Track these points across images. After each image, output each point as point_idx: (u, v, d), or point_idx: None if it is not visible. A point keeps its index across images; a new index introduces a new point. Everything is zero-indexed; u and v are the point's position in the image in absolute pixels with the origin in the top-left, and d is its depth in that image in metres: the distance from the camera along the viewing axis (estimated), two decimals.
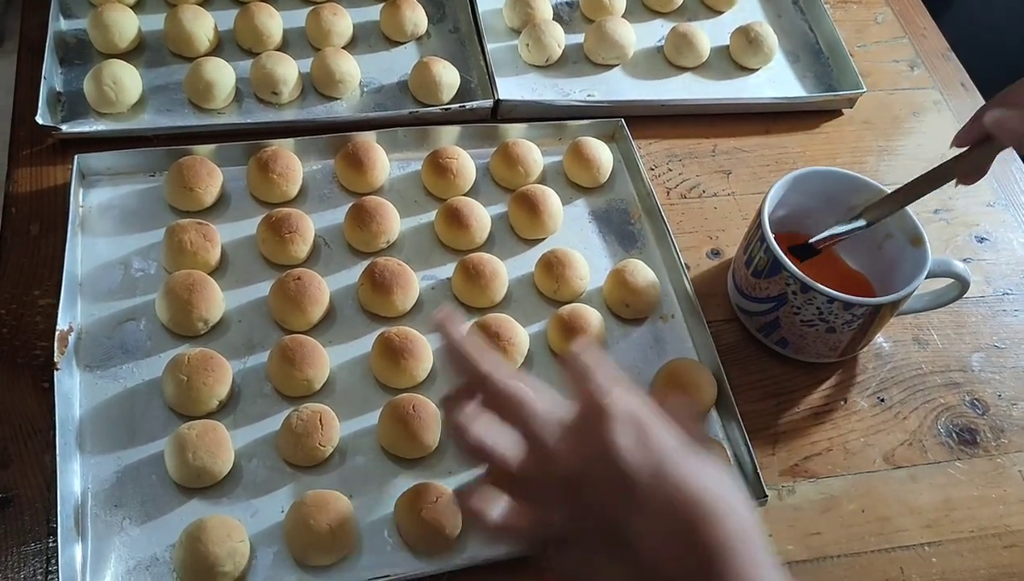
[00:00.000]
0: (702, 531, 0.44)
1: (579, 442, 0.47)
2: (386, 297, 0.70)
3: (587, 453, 0.47)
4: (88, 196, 0.74)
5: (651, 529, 0.45)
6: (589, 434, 0.47)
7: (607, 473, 0.46)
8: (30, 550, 0.59)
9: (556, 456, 0.47)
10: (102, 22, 0.82)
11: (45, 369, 0.65)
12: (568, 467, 0.47)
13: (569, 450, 0.47)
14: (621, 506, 0.46)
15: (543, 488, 0.48)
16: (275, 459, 0.64)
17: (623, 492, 0.46)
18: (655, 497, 0.45)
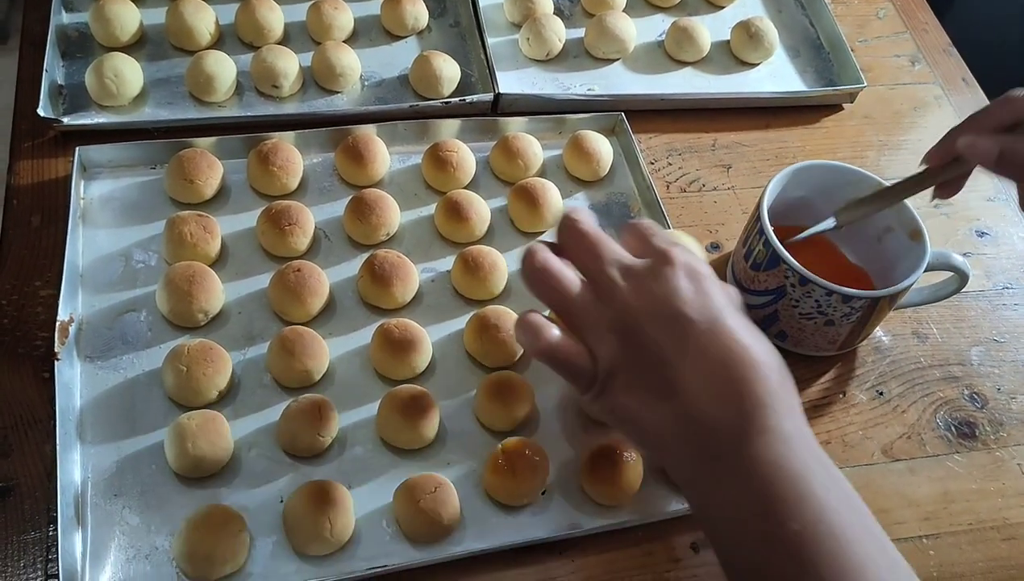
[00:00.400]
0: (747, 383, 0.48)
1: (643, 283, 0.51)
2: (386, 289, 0.70)
3: (649, 293, 0.50)
4: (89, 188, 0.75)
5: (701, 374, 0.49)
6: (653, 277, 0.51)
7: (667, 315, 0.50)
8: (30, 539, 0.59)
9: (619, 291, 0.51)
10: (103, 15, 0.82)
11: (46, 359, 0.66)
12: (629, 303, 0.51)
13: (632, 288, 0.51)
14: (675, 348, 0.49)
15: (600, 320, 0.51)
16: (274, 449, 0.64)
17: (679, 335, 0.49)
18: (709, 345, 0.49)
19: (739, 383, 0.48)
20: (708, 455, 0.49)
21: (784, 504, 0.46)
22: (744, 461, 0.48)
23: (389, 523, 0.62)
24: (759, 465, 0.47)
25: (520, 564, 0.62)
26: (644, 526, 0.65)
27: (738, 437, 0.48)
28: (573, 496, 0.65)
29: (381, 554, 0.61)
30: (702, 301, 0.50)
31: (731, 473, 0.48)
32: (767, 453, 0.47)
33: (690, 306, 0.50)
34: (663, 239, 0.54)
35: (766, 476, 0.47)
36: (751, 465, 0.47)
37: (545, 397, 0.69)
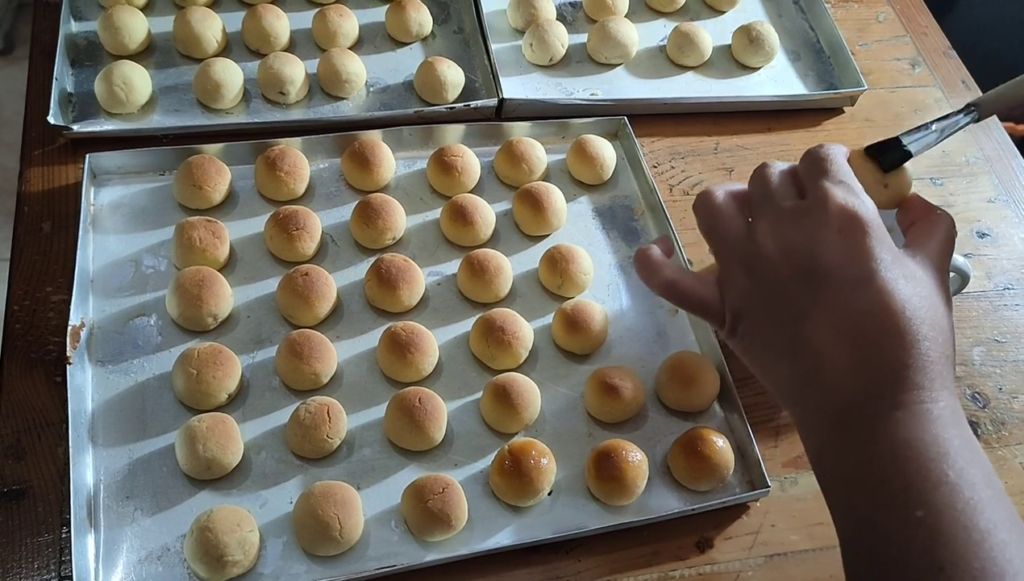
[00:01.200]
0: (885, 351, 0.44)
1: (784, 224, 0.47)
2: (392, 292, 0.71)
3: (787, 238, 0.47)
4: (99, 195, 0.76)
5: (834, 334, 0.45)
6: (796, 220, 0.47)
7: (802, 266, 0.46)
8: (43, 540, 0.60)
9: (760, 227, 0.48)
10: (112, 24, 0.83)
11: (58, 364, 0.67)
12: (764, 244, 0.48)
13: (772, 227, 0.48)
14: (808, 303, 0.45)
15: (734, 253, 0.49)
16: (283, 451, 0.65)
17: (813, 290, 0.45)
18: (849, 305, 0.45)
19: (879, 349, 0.44)
20: (835, 421, 0.45)
21: (909, 488, 0.42)
22: (873, 436, 0.43)
23: (398, 523, 0.63)
24: (889, 444, 0.43)
25: (527, 564, 0.63)
26: (649, 525, 0.65)
27: (870, 409, 0.44)
28: (579, 496, 0.66)
29: (390, 554, 0.61)
30: (851, 256, 0.45)
31: (857, 447, 0.44)
32: (899, 431, 0.43)
33: (831, 260, 0.45)
34: (833, 174, 0.48)
35: (895, 456, 0.43)
36: (880, 442, 0.43)
37: (551, 397, 0.70)
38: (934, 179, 0.92)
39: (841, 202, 0.46)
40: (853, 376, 0.44)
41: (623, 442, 0.66)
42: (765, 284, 0.47)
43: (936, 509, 0.41)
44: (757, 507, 0.68)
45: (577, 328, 0.71)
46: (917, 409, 0.43)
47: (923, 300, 0.45)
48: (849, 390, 0.45)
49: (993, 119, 0.99)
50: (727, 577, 0.65)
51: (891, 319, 0.44)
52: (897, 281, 0.45)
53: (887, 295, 0.44)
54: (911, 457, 0.43)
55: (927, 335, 0.44)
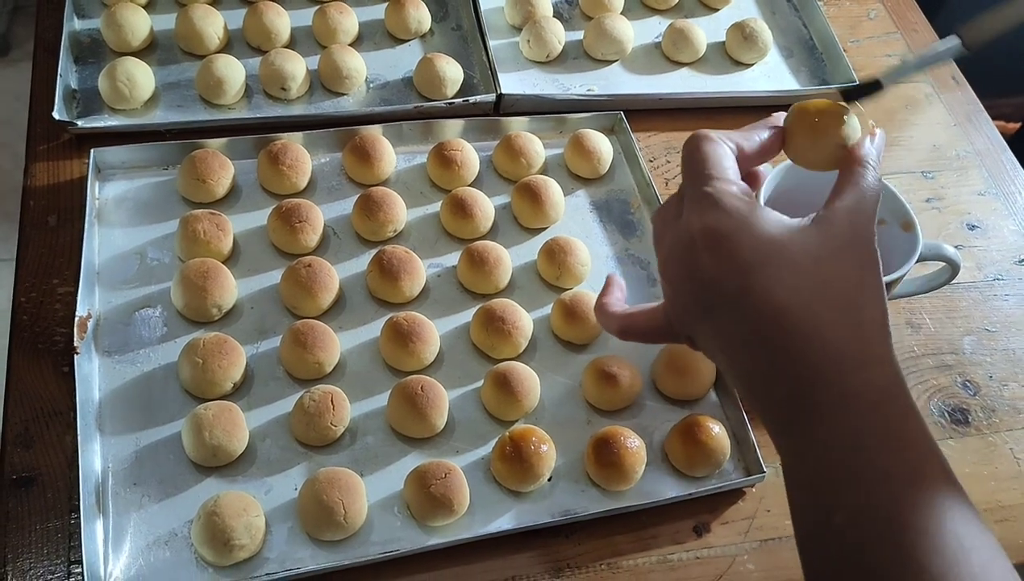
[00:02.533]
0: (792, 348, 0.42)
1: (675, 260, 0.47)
2: (394, 283, 0.72)
3: (676, 280, 0.47)
4: (104, 189, 0.77)
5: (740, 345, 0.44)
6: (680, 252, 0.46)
7: (695, 290, 0.46)
8: (53, 526, 0.61)
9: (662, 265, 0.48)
10: (115, 21, 0.84)
11: (65, 354, 0.68)
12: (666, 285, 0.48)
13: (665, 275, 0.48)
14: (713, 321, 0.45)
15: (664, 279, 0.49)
16: (288, 439, 0.66)
17: (710, 308, 0.45)
18: (739, 316, 0.44)
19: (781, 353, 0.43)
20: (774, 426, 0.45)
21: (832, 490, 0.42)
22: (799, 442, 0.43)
23: (400, 509, 0.64)
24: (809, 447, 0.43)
25: (528, 547, 0.64)
26: (647, 510, 0.66)
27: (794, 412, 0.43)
28: (579, 481, 0.67)
29: (393, 539, 0.63)
30: (724, 271, 0.44)
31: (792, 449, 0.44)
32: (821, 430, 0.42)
33: (712, 281, 0.44)
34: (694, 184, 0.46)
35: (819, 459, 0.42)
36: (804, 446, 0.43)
37: (550, 386, 0.71)
38: (925, 173, 0.94)
39: (700, 223, 0.45)
40: (772, 381, 0.44)
41: (621, 428, 0.67)
42: (684, 306, 0.48)
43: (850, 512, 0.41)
44: (753, 492, 0.69)
45: (575, 318, 0.73)
46: (832, 405, 0.42)
47: (816, 280, 0.43)
48: (775, 395, 0.44)
49: (984, 116, 1.00)
50: (723, 561, 0.66)
51: (782, 318, 0.43)
52: (779, 278, 0.43)
53: (769, 296, 0.43)
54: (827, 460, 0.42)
55: (830, 319, 0.42)
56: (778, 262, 0.43)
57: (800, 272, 0.43)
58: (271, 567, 0.60)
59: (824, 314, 0.43)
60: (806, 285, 0.43)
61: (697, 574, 0.65)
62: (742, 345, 0.45)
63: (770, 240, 0.44)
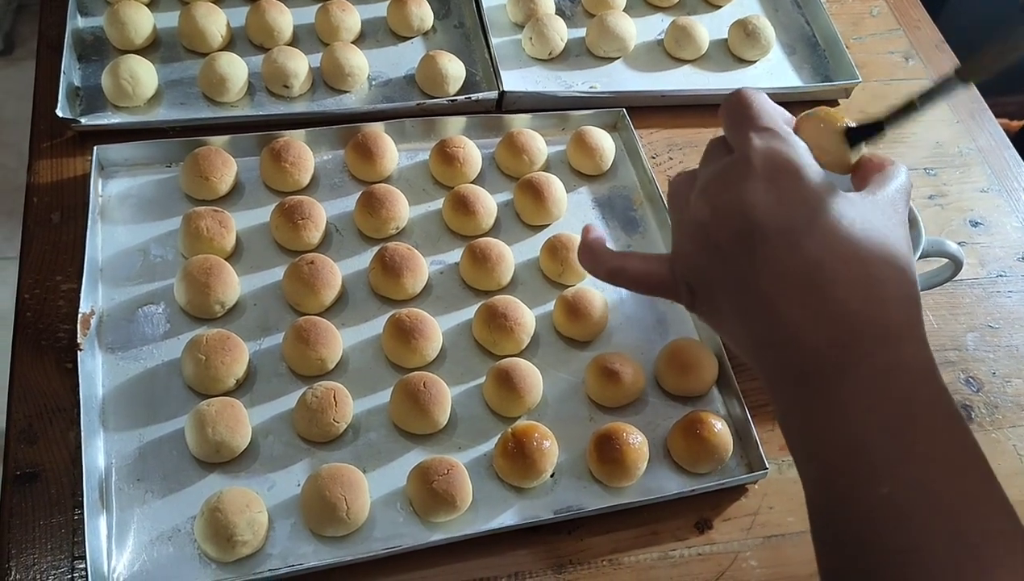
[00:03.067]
0: (839, 297, 0.40)
1: (712, 188, 0.44)
2: (396, 280, 0.73)
3: (718, 201, 0.43)
4: (107, 186, 0.77)
5: (779, 288, 0.41)
6: (723, 181, 0.43)
7: (736, 228, 0.42)
8: (56, 522, 0.61)
9: (693, 198, 0.45)
10: (118, 19, 0.85)
11: (68, 351, 0.68)
12: (699, 213, 0.44)
13: (701, 193, 0.44)
14: (750, 265, 0.42)
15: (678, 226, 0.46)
16: (291, 435, 0.66)
17: (752, 250, 0.42)
18: (787, 260, 0.41)
19: (826, 300, 0.40)
20: (795, 382, 0.42)
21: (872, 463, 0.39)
22: (838, 399, 0.40)
23: (403, 505, 0.64)
24: (852, 407, 0.40)
25: (530, 543, 0.64)
26: (650, 506, 0.66)
27: (828, 366, 0.40)
28: (581, 478, 0.67)
29: (396, 535, 0.63)
30: (785, 204, 0.41)
31: (820, 409, 0.41)
32: (862, 393, 0.40)
33: (765, 212, 0.41)
34: (754, 121, 0.44)
35: (859, 422, 0.39)
36: (843, 405, 0.40)
37: (552, 382, 0.71)
38: (928, 169, 0.94)
39: (765, 148, 0.42)
40: (808, 331, 0.41)
41: (624, 425, 0.67)
42: (707, 251, 0.44)
43: (903, 484, 0.39)
44: (755, 489, 0.69)
45: (578, 315, 0.73)
46: (880, 364, 0.40)
47: (874, 242, 0.41)
48: (806, 347, 0.41)
49: (987, 113, 1.00)
50: (726, 557, 0.66)
51: (839, 265, 0.40)
52: (841, 223, 0.41)
53: (831, 239, 0.41)
54: (875, 423, 0.39)
55: (882, 278, 0.41)
56: (842, 210, 0.41)
57: (865, 227, 0.41)
58: (274, 563, 0.61)
59: (883, 276, 0.41)
60: (869, 241, 0.41)
61: (699, 570, 0.65)
62: (782, 291, 0.41)
63: (833, 187, 0.42)
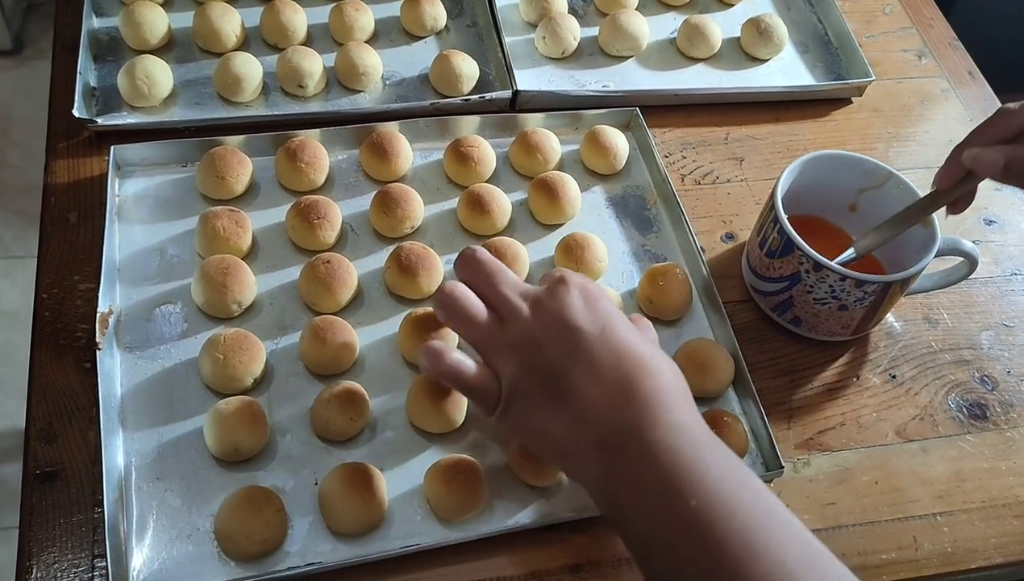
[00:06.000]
0: (638, 382, 0.54)
1: (539, 301, 0.58)
2: (412, 279, 0.73)
3: (545, 310, 0.57)
4: (124, 186, 0.77)
5: (594, 377, 0.55)
6: (549, 295, 0.58)
7: (561, 327, 0.56)
8: (77, 520, 0.61)
9: (518, 312, 0.58)
10: (133, 19, 0.85)
11: (86, 350, 0.68)
12: (527, 322, 0.57)
13: (529, 308, 0.58)
14: (570, 357, 0.55)
15: (502, 341, 0.58)
16: (308, 434, 0.66)
17: (572, 345, 0.55)
18: (599, 351, 0.55)
19: (629, 383, 0.54)
20: (609, 450, 0.53)
21: (682, 483, 0.50)
22: (644, 448, 0.52)
23: (420, 504, 0.64)
24: (657, 453, 0.52)
25: (547, 542, 0.64)
26: None
27: (636, 429, 0.53)
28: None
29: (413, 533, 0.63)
30: (593, 313, 0.56)
31: (632, 462, 0.52)
32: (664, 442, 0.52)
33: (581, 317, 0.56)
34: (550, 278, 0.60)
35: (665, 460, 0.52)
36: (650, 452, 0.52)
37: None
38: None
39: (576, 278, 0.59)
40: (615, 408, 0.54)
41: None
42: (535, 355, 0.56)
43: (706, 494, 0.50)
44: (771, 488, 0.69)
45: None
46: (670, 426, 0.53)
47: (644, 339, 0.58)
48: (614, 420, 0.54)
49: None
50: None
51: (632, 356, 0.55)
52: (628, 330, 0.57)
53: (625, 340, 0.56)
54: (677, 460, 0.51)
55: (661, 366, 0.56)
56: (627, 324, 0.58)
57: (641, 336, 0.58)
58: (292, 561, 0.61)
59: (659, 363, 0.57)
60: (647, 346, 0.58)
61: None
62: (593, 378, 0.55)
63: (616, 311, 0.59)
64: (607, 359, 0.55)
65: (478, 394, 0.58)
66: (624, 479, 0.53)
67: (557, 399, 0.55)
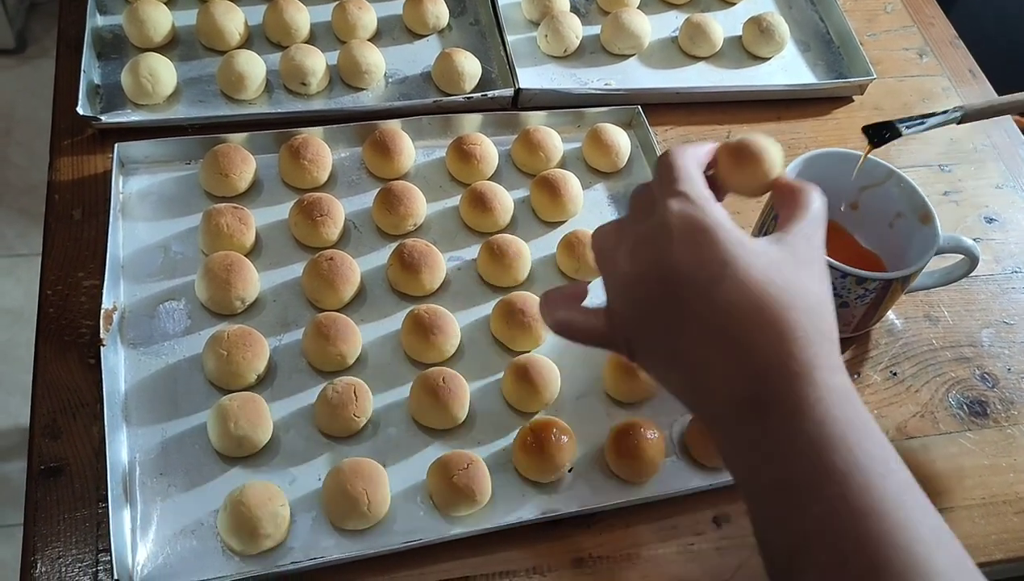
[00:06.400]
0: (756, 343, 0.43)
1: (635, 245, 0.47)
2: (414, 276, 0.73)
3: (640, 257, 0.47)
4: (127, 183, 0.78)
5: (701, 338, 0.45)
6: (643, 238, 0.47)
7: (659, 280, 0.46)
8: (81, 516, 0.62)
9: (619, 255, 0.48)
10: (137, 17, 0.85)
11: (91, 346, 0.69)
12: (623, 269, 0.47)
13: (627, 252, 0.47)
14: (674, 315, 0.45)
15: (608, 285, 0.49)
16: (311, 430, 0.67)
17: (673, 299, 0.45)
18: (706, 305, 0.44)
19: (744, 346, 0.44)
20: (726, 423, 0.46)
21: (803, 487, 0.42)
22: (763, 433, 0.44)
23: (423, 499, 0.65)
24: (776, 440, 0.44)
25: (549, 537, 0.65)
26: (667, 501, 0.67)
27: (753, 407, 0.44)
28: (599, 472, 0.67)
29: (416, 528, 0.63)
30: (699, 260, 0.45)
31: (750, 446, 0.45)
32: (784, 426, 0.43)
33: (682, 269, 0.45)
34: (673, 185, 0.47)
35: (784, 454, 0.43)
36: (769, 439, 0.44)
37: (570, 378, 0.72)
38: (943, 166, 0.94)
39: (678, 213, 0.46)
40: (729, 377, 0.45)
41: (641, 420, 0.67)
42: (636, 305, 0.47)
43: (829, 500, 0.42)
44: None
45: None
46: (797, 399, 0.43)
47: (786, 283, 0.45)
48: (730, 391, 0.45)
49: None
50: (743, 551, 0.66)
51: (753, 312, 0.44)
52: (751, 273, 0.44)
53: (743, 289, 0.44)
54: (800, 451, 0.43)
55: (795, 319, 0.44)
56: (750, 262, 0.44)
57: (772, 276, 0.45)
58: (296, 556, 0.61)
59: (793, 315, 0.44)
60: (780, 283, 0.44)
61: (716, 564, 0.65)
62: (702, 340, 0.45)
63: (742, 242, 0.45)
64: (719, 317, 0.44)
65: (589, 342, 0.51)
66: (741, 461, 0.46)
67: (670, 356, 0.47)
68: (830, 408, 0.43)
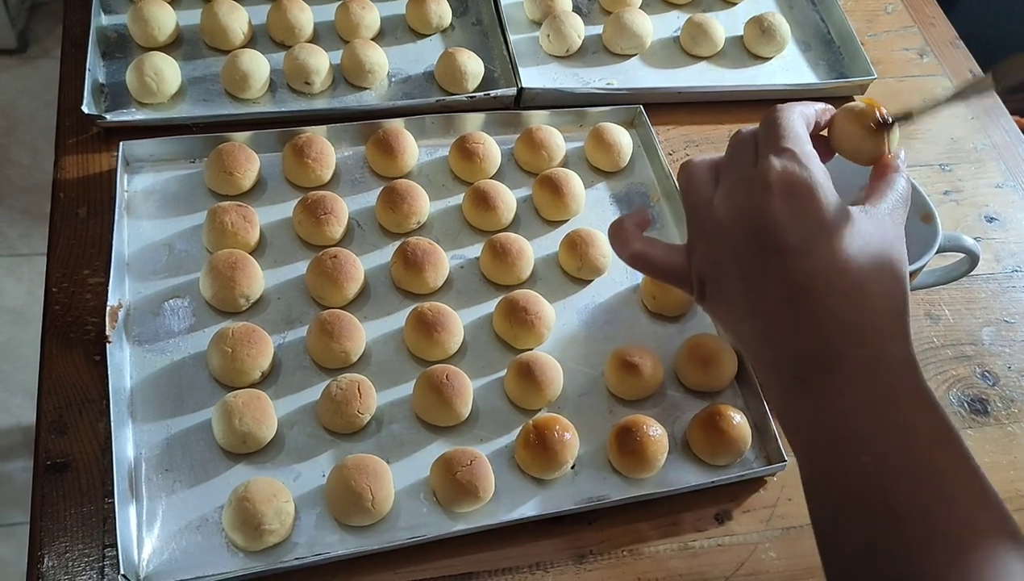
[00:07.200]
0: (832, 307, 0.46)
1: (733, 193, 0.49)
2: (418, 274, 0.73)
3: (737, 208, 0.48)
4: (132, 181, 0.78)
5: (780, 292, 0.47)
6: (744, 189, 0.48)
7: (750, 229, 0.47)
8: (87, 511, 0.62)
9: (715, 198, 0.49)
10: (141, 17, 0.86)
11: (96, 343, 0.69)
12: (717, 214, 0.49)
13: (723, 196, 0.49)
14: (759, 269, 0.47)
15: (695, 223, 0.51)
16: (315, 427, 0.67)
17: (759, 251, 0.47)
18: (792, 264, 0.46)
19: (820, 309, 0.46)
20: (789, 377, 0.48)
21: (858, 438, 0.45)
22: (824, 389, 0.46)
23: (427, 495, 0.65)
24: (838, 397, 0.46)
25: (551, 534, 0.65)
26: (669, 498, 0.67)
27: (819, 365, 0.46)
28: (601, 469, 0.68)
29: (420, 524, 0.64)
30: (793, 220, 0.46)
31: (810, 400, 0.47)
32: (847, 385, 0.45)
33: (776, 225, 0.46)
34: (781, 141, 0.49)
35: (844, 408, 0.45)
36: (830, 395, 0.46)
37: (573, 375, 0.72)
38: (943, 165, 0.94)
39: (781, 170, 0.47)
40: (803, 335, 0.47)
41: (644, 417, 0.68)
42: (721, 248, 0.49)
43: (882, 454, 0.44)
44: (774, 481, 0.70)
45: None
46: (865, 363, 0.45)
47: (868, 256, 0.47)
48: (801, 348, 0.47)
49: (1001, 109, 1.01)
50: (745, 549, 0.67)
51: (836, 278, 0.46)
52: (840, 241, 0.46)
53: (830, 255, 0.46)
54: (858, 407, 0.45)
55: (873, 291, 0.46)
56: (844, 229, 0.47)
57: (861, 242, 0.47)
58: (300, 552, 0.61)
59: (874, 287, 0.46)
60: (863, 258, 0.47)
61: (718, 561, 0.66)
62: (779, 295, 0.47)
63: (840, 207, 0.47)
64: (802, 277, 0.46)
65: (664, 277, 0.53)
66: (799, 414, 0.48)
67: (745, 303, 0.48)
68: (897, 376, 0.46)
